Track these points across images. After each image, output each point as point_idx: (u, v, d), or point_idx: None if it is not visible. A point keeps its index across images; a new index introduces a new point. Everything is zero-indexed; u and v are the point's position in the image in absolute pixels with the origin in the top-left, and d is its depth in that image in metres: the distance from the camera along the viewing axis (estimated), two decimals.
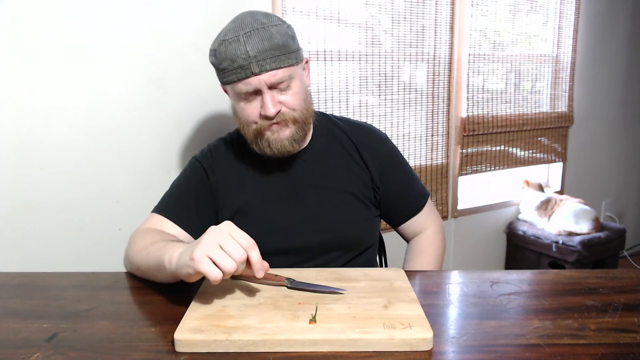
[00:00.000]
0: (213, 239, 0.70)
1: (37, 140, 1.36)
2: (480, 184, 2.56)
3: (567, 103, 2.65)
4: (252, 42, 0.89)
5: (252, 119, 0.96)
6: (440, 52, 2.19)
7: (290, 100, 0.95)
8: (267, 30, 0.91)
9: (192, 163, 1.09)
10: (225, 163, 1.07)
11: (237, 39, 0.90)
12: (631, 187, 3.14)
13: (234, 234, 0.71)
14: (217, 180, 1.05)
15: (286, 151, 0.98)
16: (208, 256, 0.68)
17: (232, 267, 0.68)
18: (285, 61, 0.92)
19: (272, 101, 0.93)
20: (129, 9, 1.43)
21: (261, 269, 0.72)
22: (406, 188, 1.13)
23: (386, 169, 1.09)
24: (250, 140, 0.99)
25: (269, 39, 0.90)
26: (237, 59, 0.90)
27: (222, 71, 0.94)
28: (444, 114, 2.26)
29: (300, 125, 0.98)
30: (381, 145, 1.11)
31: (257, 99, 0.94)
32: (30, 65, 1.33)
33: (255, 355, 0.63)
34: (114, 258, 1.45)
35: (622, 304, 0.76)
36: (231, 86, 0.95)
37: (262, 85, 0.91)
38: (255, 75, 0.90)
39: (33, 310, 0.76)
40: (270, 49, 0.90)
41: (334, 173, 1.06)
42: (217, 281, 0.68)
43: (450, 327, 0.70)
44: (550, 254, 2.38)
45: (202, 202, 1.04)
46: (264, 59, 0.90)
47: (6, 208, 1.35)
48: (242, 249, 0.70)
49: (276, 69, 0.91)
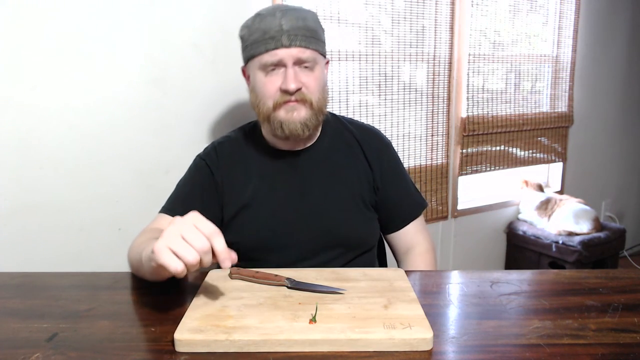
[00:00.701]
0: (175, 229, 0.67)
1: (37, 140, 1.36)
2: (480, 184, 2.56)
3: (567, 103, 2.65)
4: (287, 17, 0.93)
5: (270, 93, 0.96)
6: (440, 52, 2.19)
7: (312, 82, 0.97)
8: (303, 12, 0.96)
9: (197, 162, 1.10)
10: (229, 160, 1.08)
11: (273, 14, 0.93)
12: (631, 187, 3.14)
13: (197, 223, 0.68)
14: (221, 178, 1.06)
15: (297, 134, 0.98)
16: (169, 247, 0.65)
17: (193, 257, 0.65)
18: (315, 44, 0.96)
19: (295, 77, 0.94)
20: (129, 9, 1.43)
21: (227, 258, 0.68)
22: (403, 195, 1.13)
23: (387, 172, 1.10)
24: (263, 119, 1.00)
25: (304, 20, 0.94)
26: (269, 31, 0.93)
27: (251, 43, 0.96)
28: (444, 114, 2.26)
29: (315, 112, 0.98)
30: (385, 148, 1.13)
31: (279, 73, 0.95)
32: (30, 65, 1.33)
33: (255, 355, 0.63)
34: (114, 258, 1.45)
35: (622, 304, 0.76)
36: (257, 59, 0.96)
37: (289, 59, 0.93)
38: (285, 47, 0.93)
39: (33, 310, 0.76)
40: (304, 28, 0.94)
41: (339, 172, 1.07)
42: (178, 273, 0.65)
43: (450, 327, 0.70)
44: (550, 254, 2.38)
45: (207, 201, 1.05)
46: (295, 35, 0.93)
47: (6, 208, 1.35)
48: (205, 238, 0.67)
49: (305, 47, 0.94)
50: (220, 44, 1.59)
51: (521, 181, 2.62)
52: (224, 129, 1.58)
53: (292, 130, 0.97)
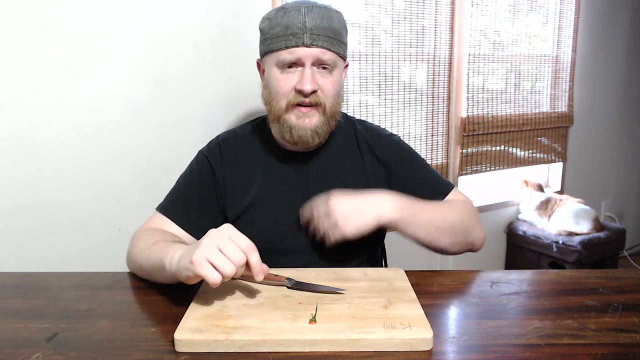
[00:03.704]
0: (212, 242, 0.69)
1: (37, 140, 1.36)
2: (480, 184, 2.56)
3: (567, 103, 2.65)
4: (312, 15, 0.89)
5: (284, 92, 0.93)
6: (440, 52, 2.19)
7: (328, 86, 0.93)
8: (329, 11, 0.92)
9: (199, 158, 1.06)
10: (233, 158, 1.04)
11: (298, 9, 0.90)
12: (631, 187, 3.14)
13: (233, 236, 0.70)
14: (223, 177, 1.03)
15: (305, 141, 0.95)
16: (207, 259, 0.68)
17: (231, 270, 0.68)
18: (337, 47, 0.92)
19: (312, 78, 0.91)
20: (129, 9, 1.43)
21: (260, 272, 0.72)
22: (425, 178, 1.07)
23: (401, 167, 1.06)
24: (272, 119, 0.96)
25: (329, 20, 0.91)
26: (292, 27, 0.89)
27: (271, 37, 0.92)
28: (444, 114, 2.26)
29: (327, 119, 0.95)
30: (396, 144, 1.08)
31: (296, 73, 0.92)
32: (30, 65, 1.33)
33: (255, 355, 0.63)
34: (114, 258, 1.45)
35: (622, 304, 0.76)
36: (275, 54, 0.92)
37: (308, 58, 0.90)
38: (306, 46, 0.89)
39: (33, 310, 0.76)
40: (328, 29, 0.90)
41: (348, 175, 1.04)
42: (216, 284, 0.68)
43: (450, 327, 0.70)
44: (550, 254, 2.38)
45: (206, 201, 1.03)
46: (318, 34, 0.89)
47: (6, 208, 1.35)
48: (242, 252, 0.69)
49: (327, 48, 0.91)
50: (220, 44, 1.59)
51: (521, 181, 2.62)
52: (224, 128, 1.58)
53: (302, 137, 0.94)
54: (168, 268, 0.75)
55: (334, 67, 0.94)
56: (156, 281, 0.84)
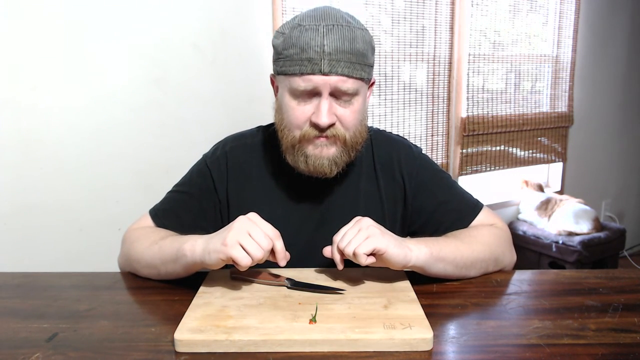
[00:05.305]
0: (243, 226, 0.73)
1: (37, 140, 1.36)
2: (480, 184, 2.56)
3: (567, 103, 2.65)
4: (332, 37, 0.78)
5: (298, 123, 0.82)
6: (440, 52, 2.19)
7: (348, 117, 0.82)
8: (352, 30, 0.79)
9: (202, 168, 0.97)
10: (241, 172, 0.95)
11: (316, 29, 0.78)
12: (631, 187, 3.14)
13: (260, 224, 0.75)
14: (225, 193, 0.95)
15: (322, 172, 0.85)
16: (239, 243, 0.71)
17: (261, 254, 0.72)
18: (359, 72, 0.80)
19: (329, 110, 0.80)
20: (129, 9, 1.43)
21: (284, 258, 0.76)
22: (448, 202, 0.96)
23: (422, 187, 0.97)
24: (286, 147, 0.86)
25: (351, 41, 0.79)
26: (308, 50, 0.78)
27: (284, 58, 0.81)
28: (444, 114, 2.26)
29: (348, 149, 0.85)
30: (415, 162, 0.99)
31: (312, 102, 0.81)
32: (30, 65, 1.33)
33: (255, 355, 0.63)
34: (114, 258, 1.44)
35: (622, 304, 0.76)
36: (288, 78, 0.81)
37: (325, 88, 0.79)
38: (323, 74, 0.78)
39: (33, 310, 0.76)
40: (349, 53, 0.78)
41: (363, 200, 0.95)
42: (245, 267, 0.71)
43: (450, 327, 0.70)
44: (550, 254, 2.38)
45: (199, 218, 0.96)
46: (338, 60, 0.78)
47: (6, 208, 1.35)
48: (269, 238, 0.74)
49: (347, 76, 0.79)
50: (220, 44, 1.59)
51: (521, 181, 2.62)
52: (224, 128, 1.58)
53: (318, 167, 0.84)
54: (190, 255, 0.77)
55: (356, 95, 0.82)
56: (165, 274, 0.84)
